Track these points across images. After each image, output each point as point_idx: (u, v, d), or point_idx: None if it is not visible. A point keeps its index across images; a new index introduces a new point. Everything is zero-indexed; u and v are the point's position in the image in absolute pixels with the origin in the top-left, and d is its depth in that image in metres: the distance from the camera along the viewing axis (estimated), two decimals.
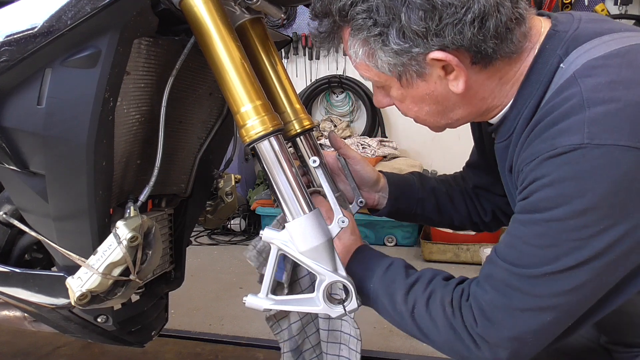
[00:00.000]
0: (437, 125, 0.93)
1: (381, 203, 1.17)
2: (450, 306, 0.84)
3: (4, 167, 0.90)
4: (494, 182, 1.13)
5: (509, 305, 0.78)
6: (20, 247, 1.09)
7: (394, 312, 0.91)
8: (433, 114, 0.88)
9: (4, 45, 0.79)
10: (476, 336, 0.81)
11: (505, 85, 0.84)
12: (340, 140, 1.16)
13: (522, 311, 0.77)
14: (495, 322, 0.79)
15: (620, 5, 3.38)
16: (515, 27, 0.78)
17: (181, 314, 1.96)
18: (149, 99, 1.01)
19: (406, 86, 0.84)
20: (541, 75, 0.81)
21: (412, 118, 0.92)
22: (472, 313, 0.82)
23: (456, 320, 0.83)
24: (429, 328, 0.86)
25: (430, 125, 0.94)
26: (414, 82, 0.83)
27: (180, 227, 1.30)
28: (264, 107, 0.88)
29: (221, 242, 3.35)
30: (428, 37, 0.75)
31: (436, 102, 0.85)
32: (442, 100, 0.85)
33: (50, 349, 1.70)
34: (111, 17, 0.79)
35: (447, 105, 0.86)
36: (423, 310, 0.86)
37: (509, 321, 0.78)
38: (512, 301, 0.78)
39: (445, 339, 0.85)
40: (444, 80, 0.81)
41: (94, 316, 1.04)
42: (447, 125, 0.93)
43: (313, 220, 0.88)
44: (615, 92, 0.71)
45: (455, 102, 0.85)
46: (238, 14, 1.03)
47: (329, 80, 4.08)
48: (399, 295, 0.89)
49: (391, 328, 1.72)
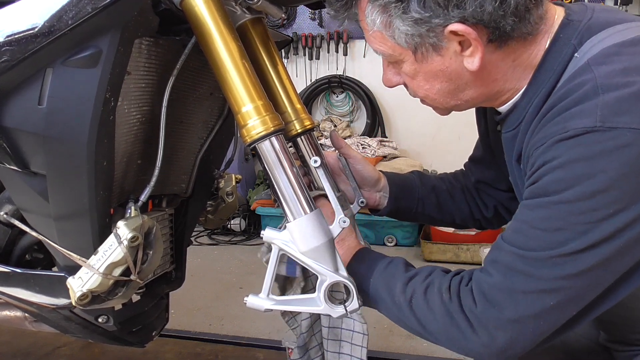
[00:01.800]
0: (446, 107, 0.91)
1: (382, 203, 1.17)
2: (448, 292, 0.83)
3: (5, 167, 0.90)
4: (497, 177, 1.13)
5: (512, 288, 0.77)
6: (21, 247, 1.09)
7: (393, 305, 0.90)
8: (444, 92, 0.86)
9: (5, 45, 0.79)
10: (474, 320, 0.80)
11: (517, 69, 0.83)
12: (341, 140, 1.16)
13: (525, 293, 0.76)
14: (496, 303, 0.78)
15: (620, 5, 3.39)
16: (533, 7, 0.77)
17: (181, 314, 1.96)
18: (149, 98, 1.01)
19: (421, 60, 0.82)
20: (555, 63, 0.80)
21: (421, 97, 0.90)
22: (472, 296, 0.81)
23: (453, 305, 0.82)
24: (427, 317, 0.85)
25: (439, 106, 0.91)
26: (429, 56, 0.81)
27: (181, 227, 1.30)
28: (265, 107, 0.88)
29: (221, 242, 3.35)
30: (449, 7, 0.74)
31: (449, 79, 0.84)
32: (455, 78, 0.83)
33: (50, 349, 1.70)
34: (112, 17, 0.79)
35: (460, 84, 0.84)
36: (421, 299, 0.86)
37: (510, 303, 0.77)
38: (515, 283, 0.77)
39: (442, 327, 0.84)
40: (460, 56, 0.80)
41: (95, 316, 1.04)
42: (455, 106, 0.91)
43: (314, 220, 0.88)
44: (629, 78, 0.71)
45: (468, 81, 0.84)
46: (239, 13, 1.03)
47: (329, 80, 4.08)
48: (397, 287, 0.89)
49: (391, 328, 1.72)
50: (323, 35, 4.06)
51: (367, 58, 4.04)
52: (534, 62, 0.83)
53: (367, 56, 4.04)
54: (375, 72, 4.01)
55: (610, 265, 0.74)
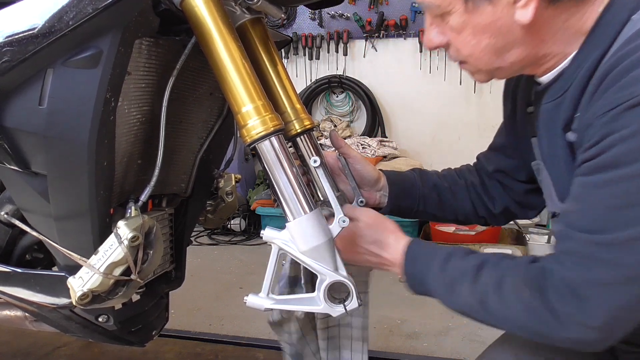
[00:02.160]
0: (489, 68, 0.87)
1: (382, 202, 1.16)
2: (526, 288, 0.79)
3: (6, 167, 0.90)
4: (517, 166, 1.10)
5: (594, 280, 0.72)
6: (22, 247, 1.09)
7: (463, 306, 0.87)
8: (491, 49, 0.83)
9: (6, 45, 0.80)
10: (562, 316, 0.75)
11: (568, 31, 0.80)
12: (341, 140, 1.16)
13: (611, 285, 0.71)
14: (582, 299, 0.73)
15: None
16: None
17: (181, 314, 1.96)
18: (149, 99, 1.01)
19: (471, 11, 0.80)
20: (609, 27, 0.76)
21: (465, 56, 0.86)
22: (555, 291, 0.76)
23: (535, 302, 0.77)
24: (505, 316, 0.81)
25: (483, 67, 0.87)
26: (481, 5, 0.79)
27: (181, 227, 1.30)
28: (264, 107, 0.88)
29: (221, 242, 3.36)
30: None
31: (498, 34, 0.81)
32: (505, 33, 0.81)
33: (50, 349, 1.70)
34: (112, 17, 0.79)
35: (508, 40, 0.82)
36: (495, 299, 0.81)
37: (595, 297, 0.72)
38: (597, 274, 0.72)
39: (524, 324, 0.80)
40: (512, 8, 0.77)
41: (95, 316, 1.04)
42: (498, 69, 0.87)
43: (314, 219, 0.88)
44: None
45: (517, 37, 0.81)
46: (238, 14, 1.03)
47: (329, 80, 4.08)
48: (464, 290, 0.85)
49: (391, 328, 1.72)
50: (323, 35, 4.06)
51: (367, 58, 4.05)
52: (585, 27, 0.79)
53: (367, 56, 4.04)
54: (376, 72, 4.03)
55: None
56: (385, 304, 1.87)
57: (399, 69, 4.00)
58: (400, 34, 3.90)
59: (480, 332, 1.69)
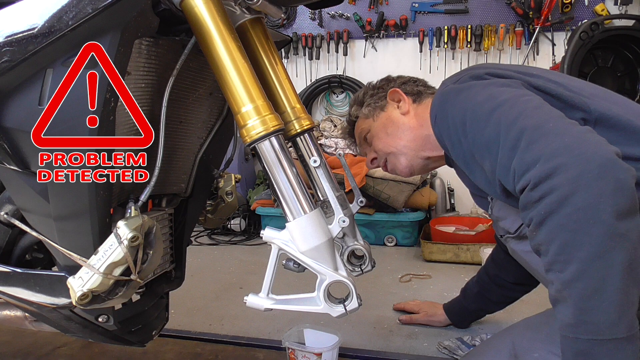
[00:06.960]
0: (398, 152, 1.40)
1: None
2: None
3: (5, 167, 0.90)
4: None
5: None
6: (21, 247, 1.09)
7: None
8: (393, 135, 1.39)
9: (5, 45, 0.80)
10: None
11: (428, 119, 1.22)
12: None
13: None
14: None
15: (621, 5, 3.39)
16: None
17: (181, 314, 1.96)
18: (149, 99, 1.01)
19: (376, 120, 1.44)
20: None
21: (388, 152, 1.41)
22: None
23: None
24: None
25: (396, 151, 1.40)
26: (379, 114, 1.44)
27: (181, 227, 1.30)
28: (264, 107, 0.88)
29: (221, 242, 3.35)
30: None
31: (393, 124, 1.40)
32: (397, 123, 1.40)
33: (50, 349, 1.70)
34: (112, 17, 0.79)
35: (400, 126, 1.39)
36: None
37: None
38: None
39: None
40: (396, 109, 1.42)
41: (95, 316, 1.04)
42: (404, 154, 1.40)
43: (314, 220, 0.88)
44: None
45: (404, 123, 1.39)
46: (238, 14, 1.03)
47: (329, 80, 4.08)
48: None
49: (391, 328, 1.72)
50: (323, 35, 4.06)
51: (367, 58, 4.04)
52: None
53: (367, 56, 4.04)
54: (376, 72, 4.02)
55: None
56: (385, 304, 1.87)
57: (399, 69, 3.99)
58: (400, 34, 3.90)
59: (480, 332, 1.69)
